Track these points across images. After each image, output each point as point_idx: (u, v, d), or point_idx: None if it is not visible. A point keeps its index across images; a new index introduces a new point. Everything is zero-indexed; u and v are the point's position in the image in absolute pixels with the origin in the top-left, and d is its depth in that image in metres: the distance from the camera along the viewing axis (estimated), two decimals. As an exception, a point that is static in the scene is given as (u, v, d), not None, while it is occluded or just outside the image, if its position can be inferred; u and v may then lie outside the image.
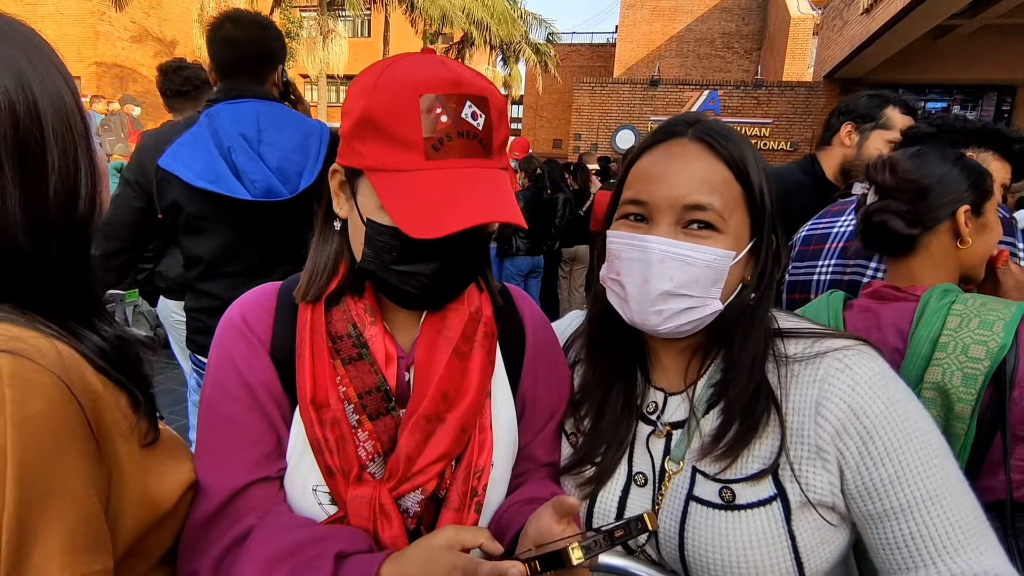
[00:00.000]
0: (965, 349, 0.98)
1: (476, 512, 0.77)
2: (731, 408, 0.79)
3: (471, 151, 0.68)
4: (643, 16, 21.91)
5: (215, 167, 1.60)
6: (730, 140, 0.80)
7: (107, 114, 7.10)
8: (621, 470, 0.87)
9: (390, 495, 0.73)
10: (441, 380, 0.75)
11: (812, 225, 1.70)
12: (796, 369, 0.79)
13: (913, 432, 0.72)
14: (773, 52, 19.16)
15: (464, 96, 0.67)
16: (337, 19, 16.94)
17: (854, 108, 2.04)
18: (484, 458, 0.78)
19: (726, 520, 0.76)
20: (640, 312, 0.80)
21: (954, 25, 10.50)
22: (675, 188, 0.78)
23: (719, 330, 0.83)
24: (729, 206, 0.78)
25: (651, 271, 0.78)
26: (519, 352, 0.88)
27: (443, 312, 0.80)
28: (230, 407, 0.75)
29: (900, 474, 0.71)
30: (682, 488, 0.81)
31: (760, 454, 0.77)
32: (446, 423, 0.75)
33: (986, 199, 1.13)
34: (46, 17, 14.42)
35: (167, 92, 2.77)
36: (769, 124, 14.82)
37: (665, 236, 0.78)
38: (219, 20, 1.79)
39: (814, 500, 0.74)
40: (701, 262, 0.77)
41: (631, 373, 0.91)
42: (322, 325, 0.76)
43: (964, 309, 1.02)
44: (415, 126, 0.66)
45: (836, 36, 13.07)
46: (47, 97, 0.59)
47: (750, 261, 0.83)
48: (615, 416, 0.88)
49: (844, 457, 0.73)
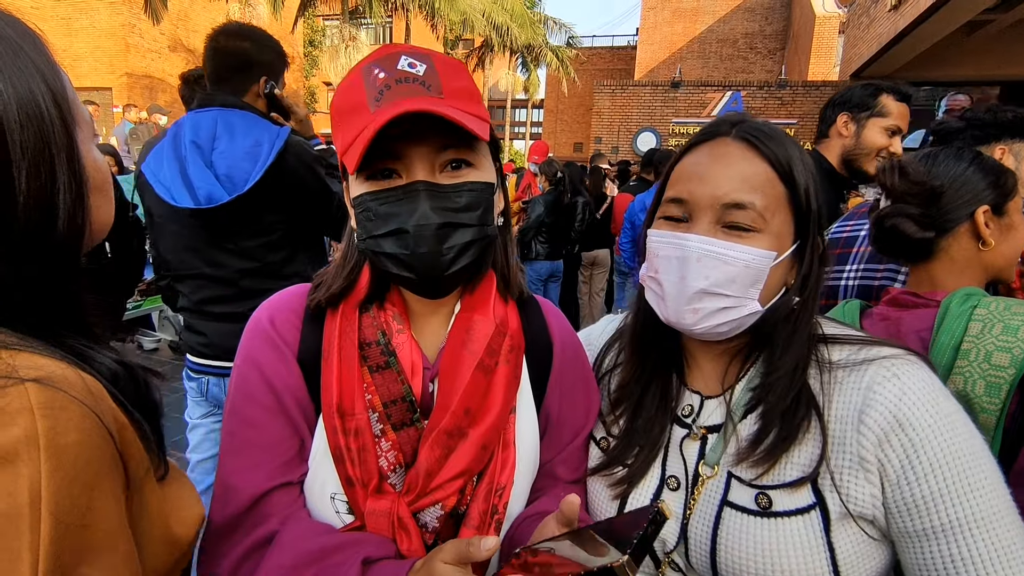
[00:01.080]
0: (988, 356, 0.92)
1: (496, 530, 0.75)
2: (770, 413, 0.77)
3: (414, 92, 0.69)
4: (664, 18, 21.78)
5: (170, 174, 1.70)
6: (775, 140, 0.78)
7: (137, 123, 7.29)
8: (654, 473, 0.85)
9: (408, 509, 0.72)
10: (464, 395, 0.74)
11: (838, 228, 1.66)
12: (840, 375, 0.76)
13: (962, 450, 0.69)
14: (798, 52, 18.87)
15: (399, 53, 0.71)
16: (359, 27, 17.16)
17: (848, 99, 2.04)
18: (506, 475, 0.77)
19: (762, 527, 0.73)
20: (676, 310, 0.79)
21: (987, 20, 10.20)
22: (716, 187, 0.77)
23: (761, 334, 0.81)
24: (771, 206, 0.76)
25: (688, 269, 0.77)
26: (546, 367, 0.86)
27: (469, 323, 0.79)
28: (255, 411, 0.75)
29: (945, 492, 0.67)
30: (716, 493, 0.78)
31: (799, 461, 0.74)
32: (468, 439, 0.73)
33: (1008, 198, 1.08)
34: (80, 31, 14.89)
35: (189, 100, 2.82)
36: (794, 125, 14.58)
37: (704, 234, 0.77)
38: (213, 32, 1.85)
39: (855, 512, 0.71)
40: (739, 261, 0.75)
41: (668, 375, 0.90)
42: (353, 331, 0.76)
43: (987, 314, 0.96)
44: (360, 91, 0.70)
45: (863, 34, 12.82)
46: (14, 106, 0.52)
47: (794, 263, 0.81)
48: (649, 417, 0.86)
49: (885, 468, 0.70)
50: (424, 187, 0.69)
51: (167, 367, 4.91)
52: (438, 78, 0.71)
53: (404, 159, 0.70)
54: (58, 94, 0.58)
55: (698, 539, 0.78)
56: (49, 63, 0.59)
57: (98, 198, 0.67)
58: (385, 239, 0.71)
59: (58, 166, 0.56)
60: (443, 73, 0.71)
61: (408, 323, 0.80)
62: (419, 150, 0.70)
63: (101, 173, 0.68)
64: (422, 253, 0.70)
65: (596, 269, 6.11)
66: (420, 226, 0.69)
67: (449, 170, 0.72)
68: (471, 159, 0.73)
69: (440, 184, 0.71)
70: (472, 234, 0.73)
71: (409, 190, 0.70)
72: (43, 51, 0.60)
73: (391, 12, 16.91)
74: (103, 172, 0.69)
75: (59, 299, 0.58)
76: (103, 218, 0.69)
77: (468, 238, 0.73)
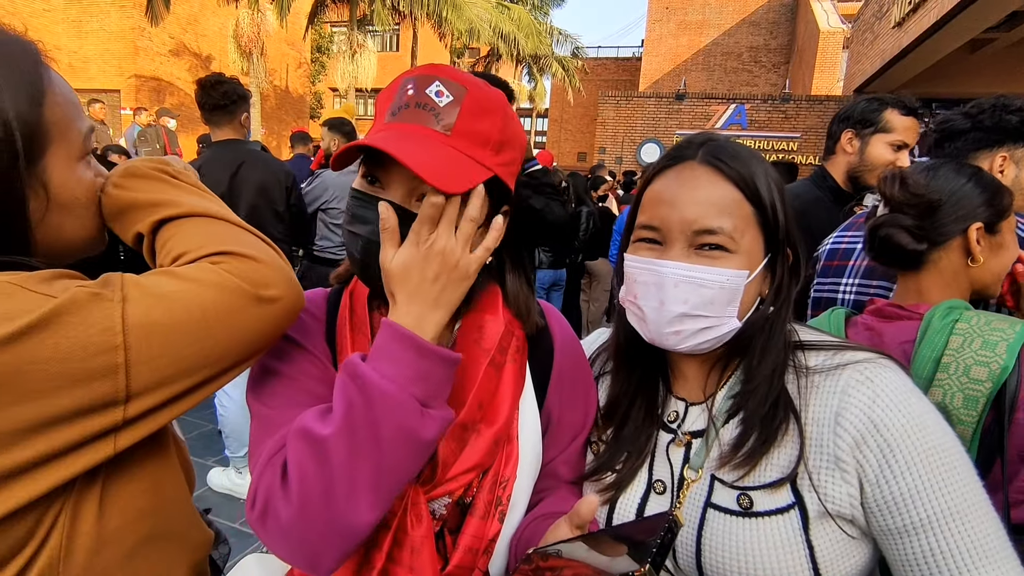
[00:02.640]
0: (967, 370, 0.95)
1: (499, 521, 0.78)
2: (750, 418, 0.80)
3: (420, 119, 0.72)
4: (669, 30, 21.92)
5: None
6: (738, 159, 0.81)
7: (146, 126, 7.34)
8: (641, 478, 0.88)
9: (424, 498, 0.74)
10: (479, 390, 0.77)
11: (837, 237, 1.66)
12: (816, 380, 0.79)
13: (935, 447, 0.71)
14: (802, 66, 18.97)
15: (435, 76, 0.74)
16: (367, 34, 17.28)
17: (851, 114, 2.01)
18: (510, 469, 0.80)
19: (744, 527, 0.76)
20: (658, 333, 0.82)
21: (990, 39, 10.26)
22: (686, 212, 0.79)
23: (739, 343, 0.84)
24: (740, 227, 0.79)
25: (666, 294, 0.79)
26: (547, 369, 0.89)
27: (481, 322, 0.82)
28: (288, 367, 0.78)
29: (920, 488, 0.70)
30: (700, 495, 0.81)
31: (779, 463, 0.77)
32: (481, 435, 0.77)
33: (1002, 217, 1.10)
34: (90, 33, 15.01)
35: (205, 106, 2.86)
36: (798, 138, 14.64)
37: (678, 260, 0.79)
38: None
39: (832, 511, 0.74)
40: (715, 283, 0.78)
41: (654, 384, 0.93)
42: (365, 325, 0.80)
43: (968, 328, 0.99)
44: (390, 99, 0.75)
45: (866, 50, 12.89)
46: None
47: (767, 276, 0.84)
48: (637, 425, 0.89)
49: (864, 469, 0.72)
50: (388, 207, 0.70)
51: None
52: (456, 115, 0.72)
53: (388, 175, 0.73)
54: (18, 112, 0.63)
55: (684, 540, 0.81)
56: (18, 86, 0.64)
57: (60, 215, 0.71)
58: (349, 236, 0.76)
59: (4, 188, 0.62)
60: (467, 110, 0.72)
61: None
62: (400, 176, 0.73)
63: (74, 191, 0.72)
64: (367, 262, 0.74)
65: (594, 279, 6.13)
66: (368, 240, 0.73)
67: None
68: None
69: (408, 211, 0.72)
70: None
71: (375, 202, 0.72)
72: (15, 74, 0.64)
73: (399, 20, 17.04)
74: (79, 190, 0.72)
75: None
76: (68, 235, 0.73)
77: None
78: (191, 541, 0.80)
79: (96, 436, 0.60)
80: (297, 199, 3.15)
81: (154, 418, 0.64)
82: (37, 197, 0.68)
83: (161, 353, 0.62)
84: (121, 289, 0.61)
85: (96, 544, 0.66)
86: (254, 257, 0.70)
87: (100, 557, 0.67)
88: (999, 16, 8.65)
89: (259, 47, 14.35)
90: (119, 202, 0.76)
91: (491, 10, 17.87)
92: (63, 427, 0.58)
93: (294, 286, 0.73)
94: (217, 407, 3.20)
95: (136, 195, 0.76)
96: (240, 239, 0.73)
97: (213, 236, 0.72)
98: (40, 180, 0.68)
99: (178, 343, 0.63)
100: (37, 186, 0.68)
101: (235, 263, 0.69)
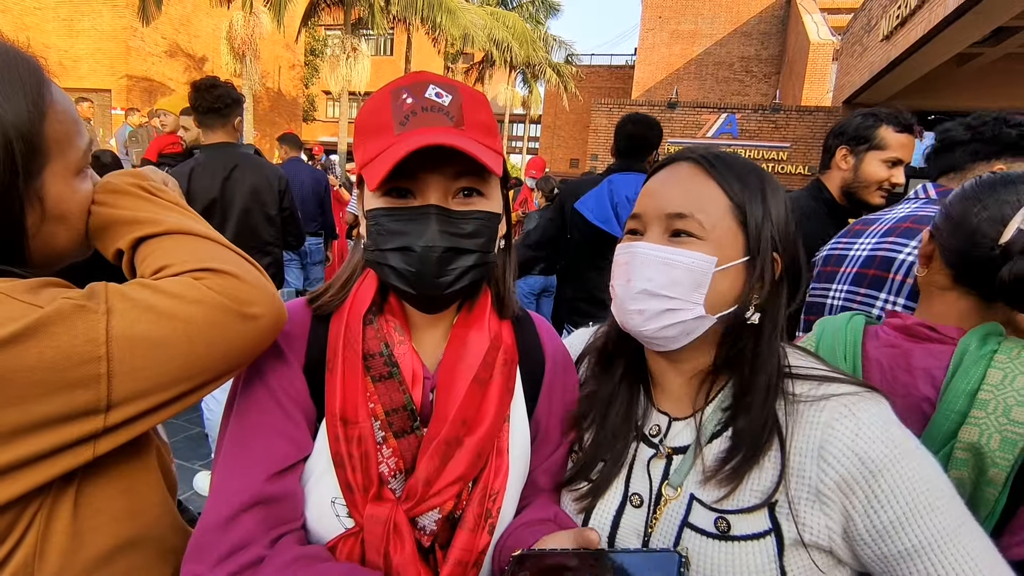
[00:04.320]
0: (1007, 411, 0.88)
1: (489, 533, 0.78)
2: (740, 433, 0.80)
3: (437, 121, 0.74)
4: (662, 39, 22.11)
5: (604, 213, 2.74)
6: (732, 169, 0.83)
7: (137, 126, 7.29)
8: (617, 487, 0.87)
9: (406, 516, 0.74)
10: (461, 407, 0.77)
11: (833, 244, 1.68)
12: (801, 408, 0.79)
13: (917, 473, 0.72)
14: (792, 77, 19.19)
15: (428, 82, 0.76)
16: (361, 38, 17.28)
17: (846, 130, 2.01)
18: (500, 481, 0.80)
19: (720, 550, 0.76)
20: (623, 310, 0.83)
21: (976, 53, 10.44)
22: (663, 200, 0.84)
23: (727, 357, 0.84)
24: (712, 218, 0.81)
25: (633, 271, 0.82)
26: (537, 380, 0.90)
27: (465, 339, 0.82)
28: (256, 418, 0.77)
29: (909, 514, 0.71)
30: (677, 514, 0.81)
31: (758, 488, 0.77)
32: (463, 447, 0.77)
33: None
34: (82, 32, 14.92)
35: (199, 108, 2.85)
36: (787, 148, 14.79)
37: (651, 242, 0.83)
38: (625, 118, 2.94)
39: (808, 541, 0.74)
40: (680, 264, 0.79)
41: (634, 390, 0.93)
42: (357, 342, 0.78)
43: (1007, 361, 0.91)
44: (386, 113, 0.75)
45: (856, 62, 13.07)
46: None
47: (744, 279, 0.83)
48: (614, 430, 0.89)
49: (852, 503, 0.73)
50: (435, 211, 0.73)
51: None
52: (461, 110, 0.75)
53: (420, 182, 0.74)
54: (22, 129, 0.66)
55: None
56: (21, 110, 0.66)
57: (55, 226, 0.73)
58: (392, 253, 0.75)
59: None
60: (467, 106, 0.76)
61: (409, 334, 0.83)
62: (435, 177, 0.74)
63: (69, 204, 0.74)
64: (425, 272, 0.74)
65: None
66: (427, 247, 0.73)
67: (461, 197, 0.76)
68: (482, 189, 0.77)
69: (451, 210, 0.75)
70: (474, 259, 0.77)
71: (421, 212, 0.73)
72: (19, 93, 0.67)
73: (393, 25, 17.07)
74: (73, 203, 0.75)
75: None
76: (61, 244, 0.76)
77: (469, 263, 0.77)
78: (172, 546, 0.80)
79: (76, 442, 0.62)
80: (290, 202, 3.14)
81: (134, 426, 0.66)
82: (34, 211, 0.70)
83: (143, 365, 0.63)
84: (106, 301, 0.63)
85: (71, 544, 0.67)
86: (236, 275, 0.72)
87: (76, 558, 0.68)
88: (985, 31, 8.81)
89: (252, 49, 14.31)
90: (99, 219, 0.77)
91: (485, 17, 17.96)
92: (45, 432, 0.60)
93: (276, 304, 0.74)
94: (203, 410, 3.17)
95: (117, 212, 0.77)
96: (222, 256, 0.74)
97: (195, 252, 0.74)
98: (38, 194, 0.70)
99: (160, 356, 0.64)
100: (35, 200, 0.70)
101: (217, 280, 0.70)
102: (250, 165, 2.93)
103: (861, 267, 1.51)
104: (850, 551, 0.75)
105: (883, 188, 1.98)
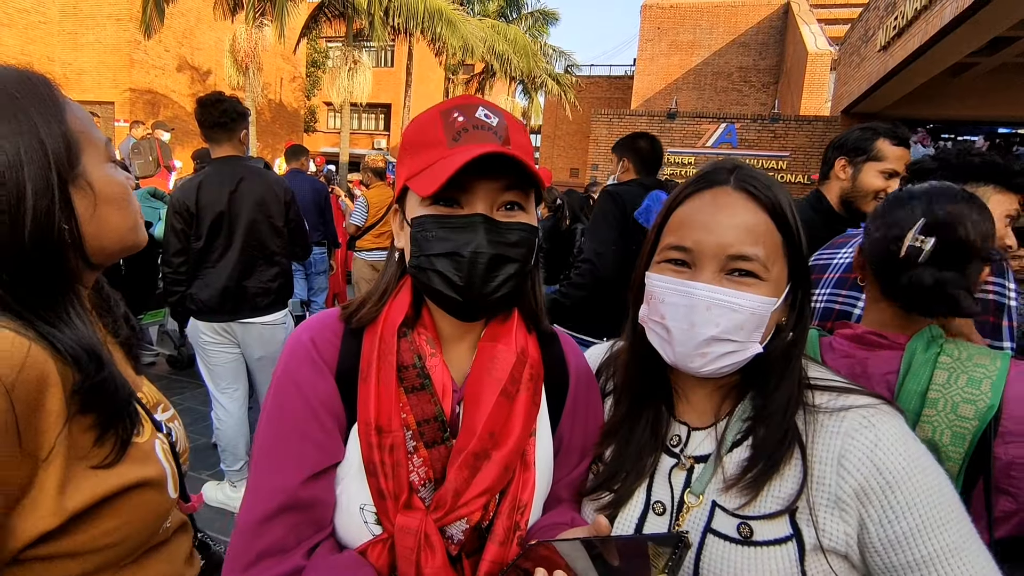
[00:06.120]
0: (955, 408, 0.98)
1: (519, 546, 0.80)
2: (761, 444, 0.81)
3: (487, 138, 0.78)
4: (661, 50, 22.27)
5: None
6: (770, 188, 0.84)
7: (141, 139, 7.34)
8: (639, 497, 0.89)
9: (436, 526, 0.76)
10: (489, 419, 0.79)
11: (817, 256, 1.74)
12: (821, 419, 0.81)
13: (932, 487, 0.75)
14: (790, 87, 19.31)
15: (477, 104, 0.82)
16: (362, 50, 17.42)
17: (845, 142, 2.11)
18: (527, 494, 0.82)
19: (742, 555, 0.78)
20: (684, 355, 0.83)
21: (972, 63, 10.53)
22: (721, 237, 0.81)
23: (755, 371, 0.86)
24: (771, 256, 0.81)
25: (697, 316, 0.81)
26: (562, 395, 0.92)
27: (493, 352, 0.84)
28: (290, 424, 0.79)
29: (921, 527, 0.73)
30: (700, 520, 0.82)
31: (780, 495, 0.79)
32: (491, 460, 0.78)
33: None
34: (86, 45, 15.06)
35: (204, 123, 2.88)
36: (786, 158, 14.87)
37: (710, 283, 0.81)
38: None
39: (827, 546, 0.76)
40: (746, 309, 0.80)
41: (658, 408, 0.94)
42: (392, 354, 0.80)
43: (951, 362, 1.02)
44: (438, 130, 0.79)
45: (853, 72, 13.17)
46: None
47: (786, 304, 0.86)
48: (640, 447, 0.90)
49: (867, 509, 0.75)
50: (483, 220, 0.77)
51: (163, 382, 4.89)
52: (507, 131, 0.81)
53: (469, 193, 0.78)
54: (51, 143, 0.72)
55: (683, 564, 0.82)
56: (48, 115, 0.73)
57: (109, 208, 0.80)
58: (439, 259, 0.77)
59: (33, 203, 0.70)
60: (510, 128, 0.82)
61: (440, 347, 0.85)
62: (485, 187, 0.78)
63: (114, 187, 0.81)
64: (473, 277, 0.77)
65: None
66: (476, 253, 0.76)
67: (504, 210, 0.80)
68: (524, 203, 0.81)
69: (497, 220, 0.78)
70: (516, 268, 0.80)
71: (470, 220, 0.77)
72: (45, 103, 0.74)
73: (394, 36, 17.21)
74: (117, 186, 0.82)
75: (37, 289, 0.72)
76: (115, 225, 0.81)
77: (512, 271, 0.80)
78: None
79: None
80: (295, 214, 3.17)
81: None
82: (86, 195, 0.77)
83: None
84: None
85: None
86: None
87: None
88: (982, 41, 8.90)
89: (256, 63, 14.42)
90: None
91: (485, 29, 18.10)
92: None
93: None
94: (213, 420, 3.19)
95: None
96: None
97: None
98: (85, 179, 0.77)
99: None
100: (84, 184, 0.77)
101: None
102: (256, 177, 2.97)
103: (844, 272, 1.57)
104: (860, 558, 0.77)
105: (879, 198, 2.04)
